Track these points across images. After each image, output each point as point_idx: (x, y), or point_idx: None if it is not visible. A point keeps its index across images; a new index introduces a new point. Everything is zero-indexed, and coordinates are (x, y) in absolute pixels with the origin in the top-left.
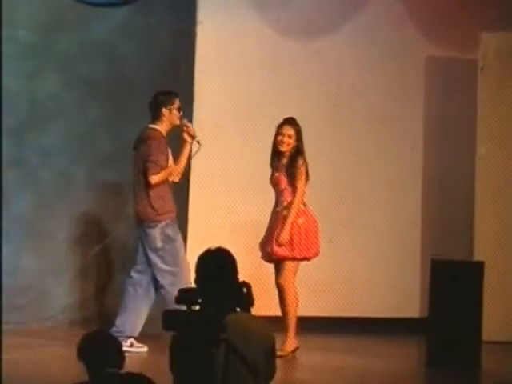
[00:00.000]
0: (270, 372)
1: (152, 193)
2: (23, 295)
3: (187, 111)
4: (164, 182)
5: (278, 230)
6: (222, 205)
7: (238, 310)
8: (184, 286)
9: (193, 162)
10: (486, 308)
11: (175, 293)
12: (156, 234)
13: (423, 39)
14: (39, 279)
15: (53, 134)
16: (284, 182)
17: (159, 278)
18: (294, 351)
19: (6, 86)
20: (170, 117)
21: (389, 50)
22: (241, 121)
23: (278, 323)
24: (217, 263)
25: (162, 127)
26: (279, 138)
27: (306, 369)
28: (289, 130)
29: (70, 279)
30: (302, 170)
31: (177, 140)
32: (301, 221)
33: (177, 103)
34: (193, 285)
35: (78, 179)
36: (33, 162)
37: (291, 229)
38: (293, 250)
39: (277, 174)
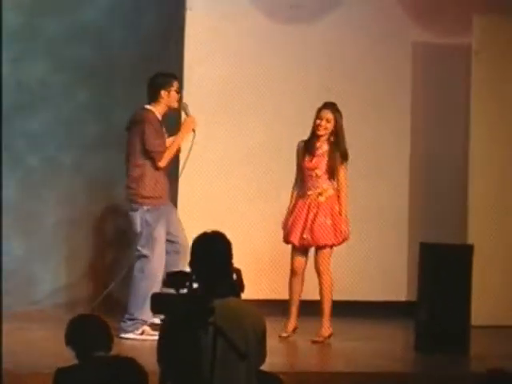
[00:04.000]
0: (261, 356)
1: (140, 177)
2: (10, 280)
3: None
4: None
5: (324, 219)
6: (212, 193)
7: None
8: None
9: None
10: (474, 292)
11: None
12: (136, 218)
13: (411, 24)
14: (26, 264)
15: (40, 119)
16: (322, 168)
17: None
18: (329, 337)
19: None
20: (168, 99)
21: (377, 35)
22: (230, 107)
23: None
24: (211, 247)
25: (158, 109)
26: (317, 121)
27: (292, 351)
28: (327, 114)
29: (56, 264)
30: (345, 164)
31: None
32: (337, 208)
33: (175, 85)
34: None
35: (65, 164)
36: (20, 148)
37: (334, 217)
38: (337, 237)
39: (315, 159)
